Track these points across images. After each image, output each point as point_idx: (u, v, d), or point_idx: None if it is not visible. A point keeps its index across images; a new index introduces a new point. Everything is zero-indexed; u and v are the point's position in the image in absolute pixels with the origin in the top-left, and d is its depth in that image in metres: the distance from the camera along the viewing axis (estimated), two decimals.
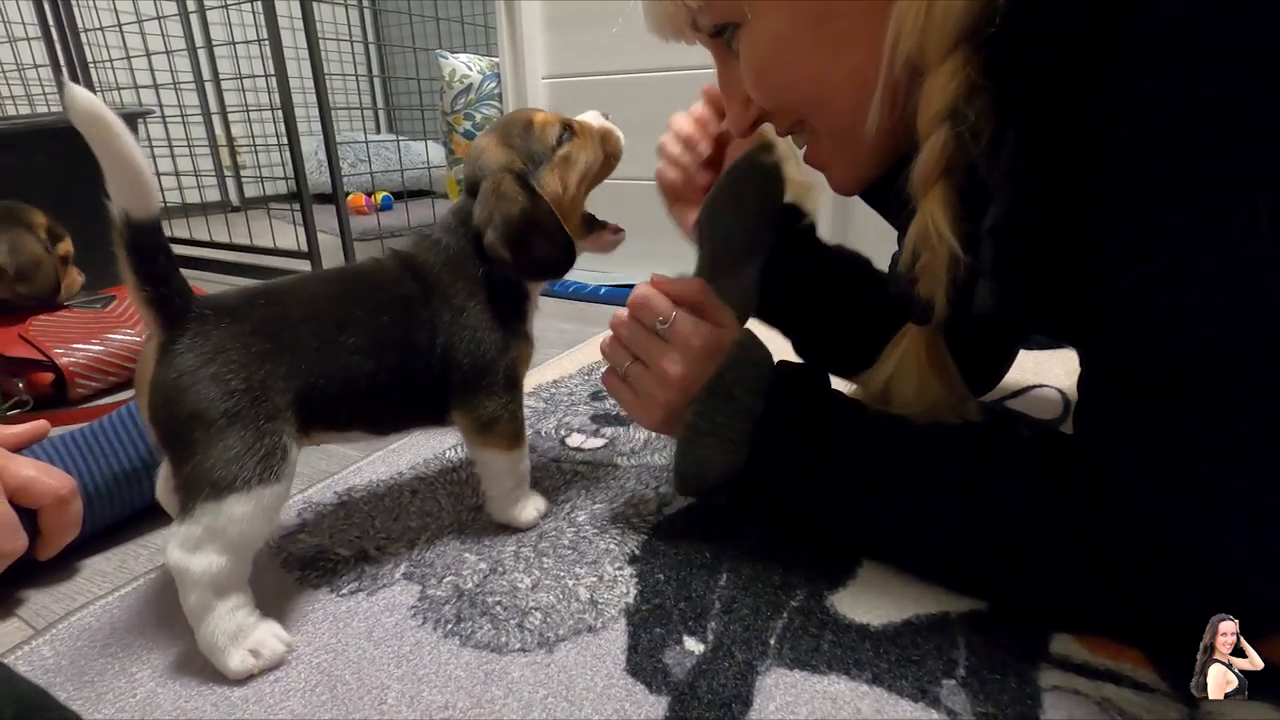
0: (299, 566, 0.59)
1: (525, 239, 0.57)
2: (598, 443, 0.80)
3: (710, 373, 0.55)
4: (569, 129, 0.62)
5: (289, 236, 1.74)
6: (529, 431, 0.83)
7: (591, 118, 0.64)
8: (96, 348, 1.01)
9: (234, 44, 1.74)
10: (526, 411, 0.89)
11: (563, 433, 0.83)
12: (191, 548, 0.46)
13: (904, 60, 0.43)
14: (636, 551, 0.60)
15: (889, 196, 0.47)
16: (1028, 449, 0.47)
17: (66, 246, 1.08)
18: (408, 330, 0.55)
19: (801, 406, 0.54)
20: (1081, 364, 0.46)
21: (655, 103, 1.01)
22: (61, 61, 1.97)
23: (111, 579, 0.60)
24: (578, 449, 0.79)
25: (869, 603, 0.52)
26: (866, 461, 0.51)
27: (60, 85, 1.96)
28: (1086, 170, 0.39)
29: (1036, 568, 0.46)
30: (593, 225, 0.65)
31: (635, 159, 0.64)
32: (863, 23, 0.46)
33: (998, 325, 0.49)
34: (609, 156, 0.64)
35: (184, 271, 0.48)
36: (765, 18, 0.49)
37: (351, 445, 0.80)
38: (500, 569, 0.58)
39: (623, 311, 0.60)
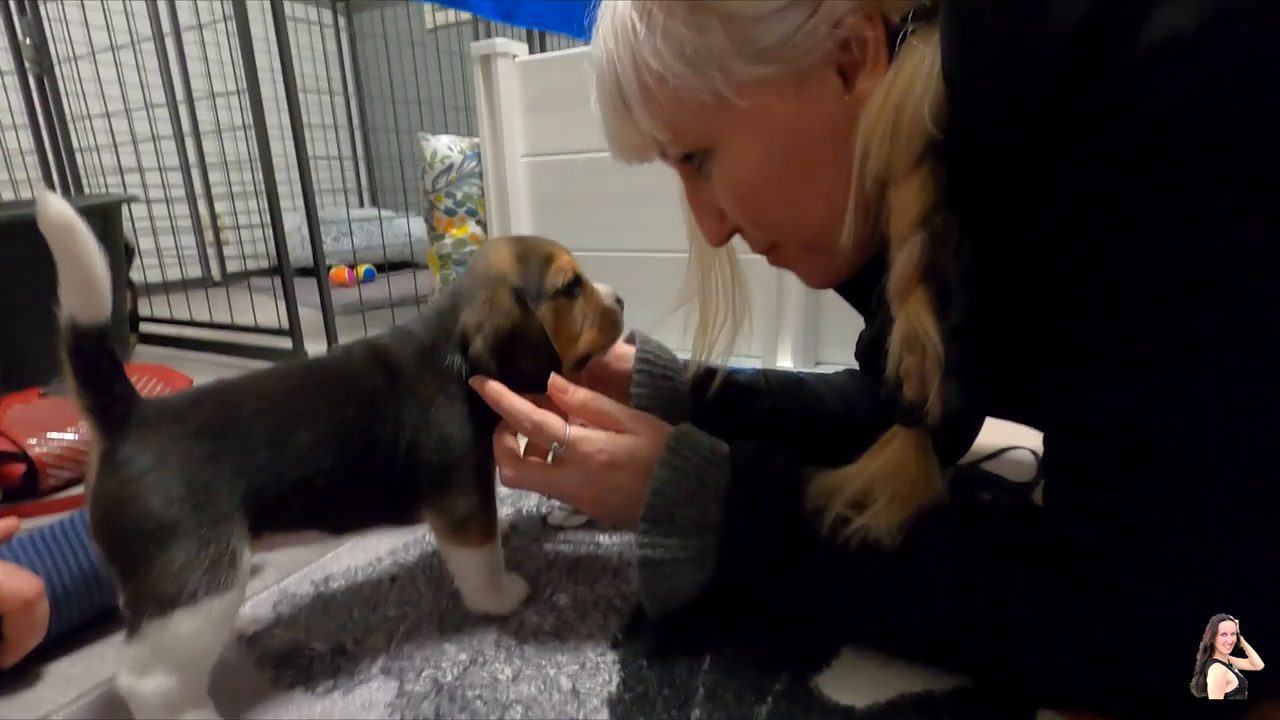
0: (273, 664, 0.58)
1: (512, 352, 0.57)
2: (579, 519, 0.80)
3: (622, 480, 0.55)
4: (580, 287, 0.62)
5: (270, 310, 1.75)
6: (510, 511, 0.83)
7: (604, 292, 0.65)
8: (70, 436, 1.00)
9: (220, 132, 1.79)
10: (508, 490, 0.89)
11: (544, 510, 0.83)
12: (140, 670, 0.45)
13: (873, 177, 0.44)
14: (619, 635, 0.59)
15: (866, 295, 0.48)
16: (1014, 533, 0.47)
17: None
18: (371, 425, 0.54)
19: (766, 506, 0.53)
20: (1046, 447, 0.47)
21: (629, 178, 1.05)
22: (48, 148, 2.01)
23: (76, 684, 0.58)
24: (559, 527, 0.79)
25: (853, 683, 0.52)
26: (847, 559, 0.50)
27: (46, 172, 2.00)
28: (1043, 276, 0.41)
29: (1029, 656, 0.46)
30: (584, 363, 0.65)
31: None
32: (830, 146, 0.48)
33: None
34: (600, 334, 0.64)
35: (165, 351, 0.48)
36: (736, 146, 0.50)
37: None
38: (481, 659, 0.57)
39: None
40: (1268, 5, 0.32)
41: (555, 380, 0.59)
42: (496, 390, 0.56)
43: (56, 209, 0.40)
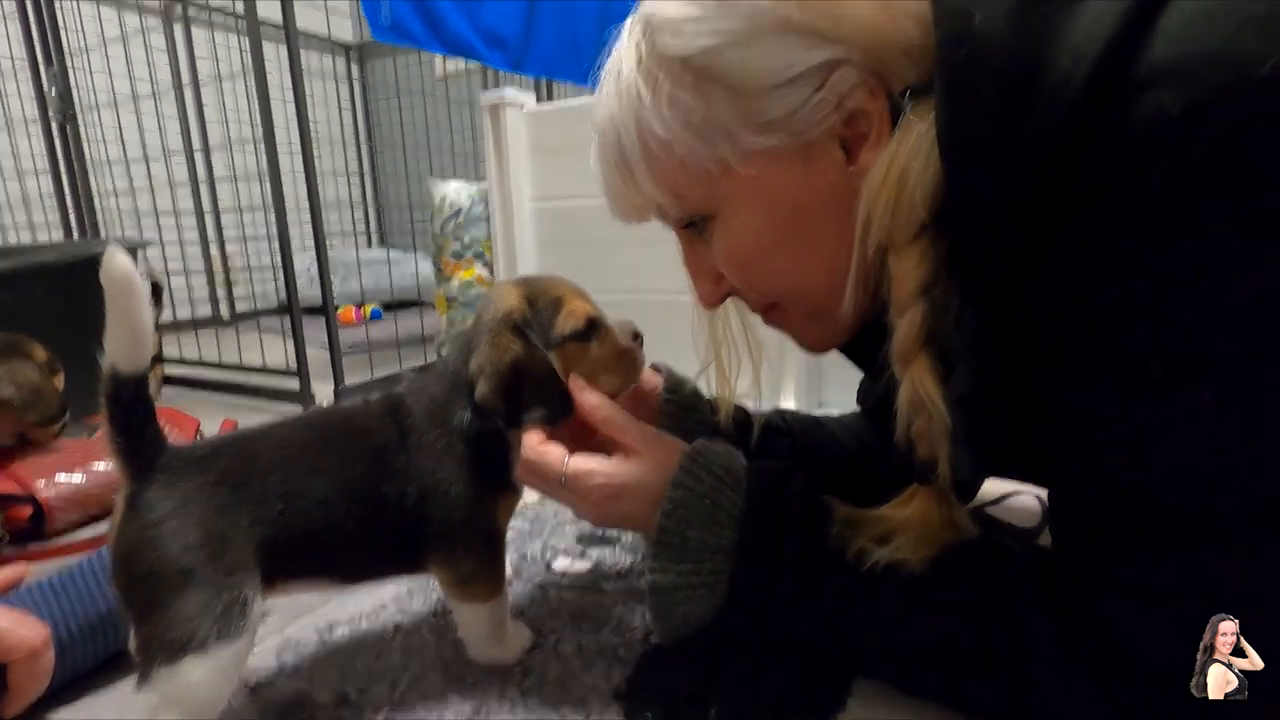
0: (276, 714, 0.57)
1: (517, 388, 0.56)
2: (584, 565, 0.80)
3: (626, 509, 0.55)
4: (594, 329, 0.60)
5: (278, 349, 1.77)
6: (514, 555, 0.83)
7: (622, 332, 0.62)
8: (78, 478, 1.00)
9: (235, 180, 1.84)
10: (511, 534, 0.89)
11: (548, 556, 0.83)
12: (149, 717, 0.45)
13: (874, 246, 0.46)
14: (624, 686, 0.59)
15: (865, 351, 0.49)
16: (1035, 574, 0.47)
17: (60, 382, 1.10)
18: (379, 481, 0.54)
19: (785, 529, 0.52)
20: (1052, 508, 0.47)
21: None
22: (68, 193, 2.06)
23: None
24: (563, 573, 0.79)
25: None
26: (871, 584, 0.49)
27: (65, 216, 2.05)
28: (1041, 343, 0.42)
29: (1042, 695, 0.45)
30: None
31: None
32: (831, 215, 0.49)
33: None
34: (617, 378, 0.62)
35: (175, 391, 0.49)
36: (739, 213, 0.51)
37: None
38: (484, 710, 0.57)
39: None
40: (1247, 87, 0.34)
41: (575, 379, 0.58)
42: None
43: (120, 265, 0.43)
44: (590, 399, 0.58)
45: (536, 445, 0.56)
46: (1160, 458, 0.39)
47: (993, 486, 0.92)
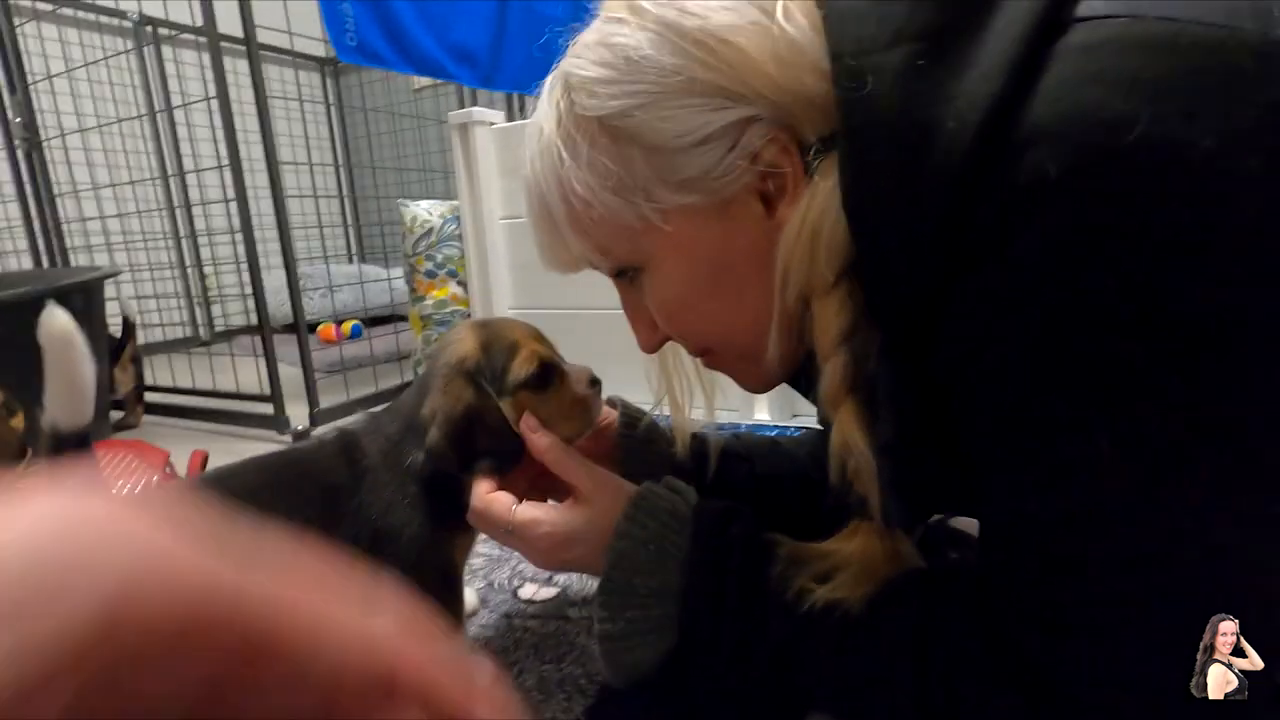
0: None
1: (469, 436, 0.56)
2: (550, 592, 0.81)
3: (575, 555, 0.55)
4: (549, 376, 0.60)
5: (253, 371, 1.75)
6: (481, 584, 0.83)
7: (579, 378, 0.62)
8: None
9: (205, 204, 1.83)
10: (480, 560, 0.89)
11: (515, 583, 0.83)
12: None
13: (795, 297, 0.46)
14: (583, 718, 0.59)
15: (807, 384, 0.50)
16: (975, 608, 0.47)
17: (19, 422, 1.09)
18: (330, 526, 0.54)
19: (729, 573, 0.52)
20: (979, 548, 0.48)
21: None
22: (35, 221, 2.04)
23: None
24: (529, 601, 0.79)
25: None
26: (810, 626, 0.50)
27: (33, 244, 2.03)
28: (953, 391, 0.43)
29: None
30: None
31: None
32: (754, 267, 0.49)
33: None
34: (570, 425, 0.62)
35: (149, 418, 0.49)
36: (664, 266, 0.51)
37: None
38: None
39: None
40: (1119, 150, 0.34)
41: (528, 419, 0.58)
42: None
43: (60, 323, 0.42)
44: (540, 441, 0.58)
45: (484, 494, 0.57)
46: (1066, 505, 0.39)
47: None
